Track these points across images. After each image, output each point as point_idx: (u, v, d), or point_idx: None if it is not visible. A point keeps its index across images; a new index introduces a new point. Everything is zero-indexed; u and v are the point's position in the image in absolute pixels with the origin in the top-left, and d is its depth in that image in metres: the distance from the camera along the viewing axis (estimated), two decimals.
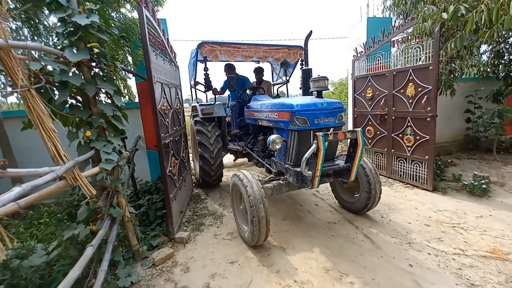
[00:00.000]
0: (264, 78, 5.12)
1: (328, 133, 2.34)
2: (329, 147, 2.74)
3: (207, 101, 4.94)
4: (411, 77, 4.10)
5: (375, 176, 3.05)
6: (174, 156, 3.45)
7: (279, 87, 5.50)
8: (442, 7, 3.07)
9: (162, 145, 2.88)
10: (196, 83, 4.70)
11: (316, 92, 2.90)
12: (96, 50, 2.07)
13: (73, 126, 2.20)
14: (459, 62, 5.25)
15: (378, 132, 4.86)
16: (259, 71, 4.99)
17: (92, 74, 2.22)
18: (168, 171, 3.05)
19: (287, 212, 3.67)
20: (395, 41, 4.44)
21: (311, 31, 3.00)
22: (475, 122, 6.07)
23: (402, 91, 4.28)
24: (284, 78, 5.34)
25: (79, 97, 2.25)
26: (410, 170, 4.33)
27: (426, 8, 3.01)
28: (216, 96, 4.73)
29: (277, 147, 2.83)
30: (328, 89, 3.05)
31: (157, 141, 2.87)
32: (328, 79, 2.81)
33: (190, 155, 5.90)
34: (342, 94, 15.34)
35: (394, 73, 4.38)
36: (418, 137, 4.10)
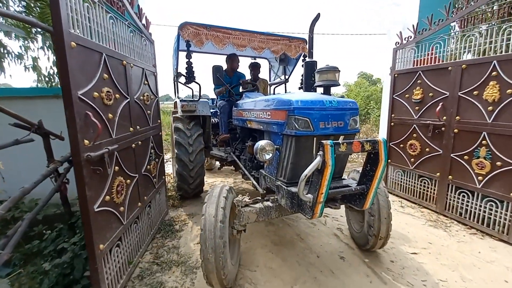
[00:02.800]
0: (260, 75, 4.46)
1: (339, 141, 1.66)
2: (338, 160, 1.91)
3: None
4: (494, 73, 2.74)
5: (384, 205, 2.30)
6: (124, 173, 2.17)
7: (276, 87, 4.84)
8: None
9: (83, 160, 1.59)
10: (179, 74, 3.84)
11: (322, 87, 2.23)
12: None
13: None
14: None
15: (427, 149, 3.49)
16: (255, 67, 4.33)
17: None
18: (99, 203, 1.77)
19: (298, 269, 2.35)
20: (466, 20, 3.08)
21: (318, 14, 2.37)
22: None
23: (475, 93, 2.92)
24: (283, 77, 4.66)
25: None
26: (480, 210, 2.96)
27: None
28: (201, 93, 3.86)
29: (267, 157, 2.09)
30: (339, 84, 2.25)
31: (72, 154, 1.58)
32: (339, 71, 2.16)
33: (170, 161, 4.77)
34: (358, 97, 13.94)
35: (463, 66, 3.01)
36: (498, 163, 2.74)
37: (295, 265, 2.42)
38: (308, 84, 2.50)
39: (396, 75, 3.90)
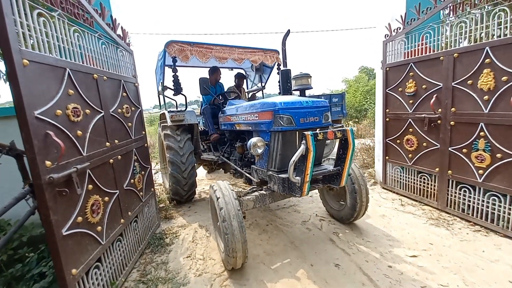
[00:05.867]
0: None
1: (318, 132, 2.04)
2: (317, 148, 2.28)
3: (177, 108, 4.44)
4: (487, 60, 2.59)
5: (361, 182, 2.77)
6: (100, 191, 2.08)
7: (252, 94, 5.18)
8: None
9: (45, 182, 1.51)
10: (165, 87, 4.10)
11: (299, 91, 2.87)
12: None
13: None
14: None
15: (424, 144, 3.34)
16: (240, 77, 4.69)
17: None
18: (69, 225, 1.68)
19: (290, 281, 2.22)
20: (457, 6, 2.93)
21: (288, 30, 2.66)
22: None
23: (469, 82, 2.76)
24: (259, 84, 5.13)
25: None
26: (483, 205, 2.80)
27: None
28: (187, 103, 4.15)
29: (259, 151, 2.47)
30: (312, 87, 2.94)
31: (32, 177, 1.50)
32: (311, 77, 2.71)
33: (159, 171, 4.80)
34: (357, 92, 13.73)
35: (455, 55, 2.86)
36: (498, 155, 2.58)
37: (287, 276, 2.29)
38: (285, 89, 2.73)
39: (387, 68, 3.76)
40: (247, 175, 2.98)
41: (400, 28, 3.53)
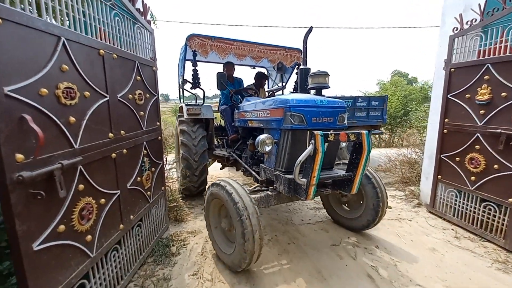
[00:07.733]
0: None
1: (328, 132, 1.94)
2: (328, 152, 2.24)
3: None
4: None
5: (381, 186, 2.64)
6: (95, 191, 1.71)
7: (271, 93, 4.94)
8: None
9: (13, 182, 1.14)
10: (185, 81, 4.04)
11: (315, 89, 2.65)
12: None
13: None
14: None
15: (495, 167, 2.66)
16: (262, 77, 4.43)
17: None
18: (45, 237, 1.32)
19: None
20: None
21: (311, 27, 2.59)
22: None
23: None
24: (280, 84, 5.02)
25: None
26: None
27: None
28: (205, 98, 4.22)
29: (267, 148, 2.40)
30: (329, 87, 2.55)
31: None
32: (329, 75, 2.52)
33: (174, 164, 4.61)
34: (394, 97, 12.66)
35: None
36: None
37: None
38: (302, 88, 2.68)
39: (452, 69, 3.08)
40: (255, 174, 2.91)
41: (475, 20, 2.84)
